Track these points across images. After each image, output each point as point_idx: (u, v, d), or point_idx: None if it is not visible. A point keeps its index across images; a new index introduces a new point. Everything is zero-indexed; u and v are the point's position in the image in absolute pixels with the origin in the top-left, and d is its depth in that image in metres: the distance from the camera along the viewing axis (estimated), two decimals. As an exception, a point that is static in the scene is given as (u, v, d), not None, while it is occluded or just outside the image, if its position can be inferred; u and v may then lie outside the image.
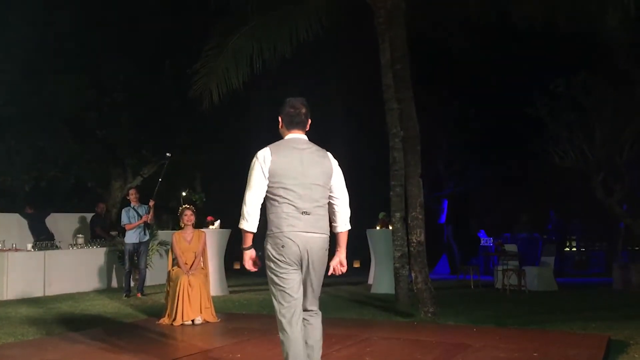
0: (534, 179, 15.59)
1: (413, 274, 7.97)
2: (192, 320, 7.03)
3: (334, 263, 3.81)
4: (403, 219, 8.39)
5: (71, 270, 11.01)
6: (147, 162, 15.54)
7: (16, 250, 10.53)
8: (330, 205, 3.77)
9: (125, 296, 10.05)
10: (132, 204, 10.33)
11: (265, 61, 9.57)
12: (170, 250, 7.65)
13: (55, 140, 14.37)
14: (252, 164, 3.67)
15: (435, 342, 5.91)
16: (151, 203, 10.34)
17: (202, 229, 8.56)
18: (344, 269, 3.84)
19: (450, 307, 8.40)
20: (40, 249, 10.73)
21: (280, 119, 3.84)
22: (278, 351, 5.16)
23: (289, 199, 3.59)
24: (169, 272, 7.43)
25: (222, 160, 16.80)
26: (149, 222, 10.40)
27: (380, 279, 10.81)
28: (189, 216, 7.56)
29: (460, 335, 6.29)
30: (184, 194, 13.36)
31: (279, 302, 3.65)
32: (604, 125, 11.46)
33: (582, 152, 11.68)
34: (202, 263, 7.50)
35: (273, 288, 3.68)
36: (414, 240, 7.93)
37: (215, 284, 9.66)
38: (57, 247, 11.17)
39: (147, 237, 10.49)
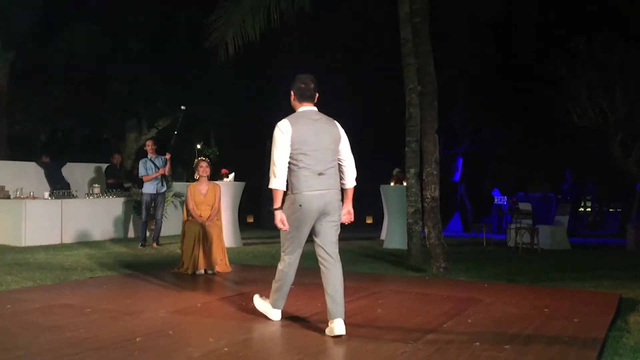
0: (550, 139, 15.43)
1: (426, 230, 7.99)
2: (206, 270, 7.14)
3: (343, 212, 4.47)
4: (417, 175, 8.37)
5: (87, 219, 11.17)
6: (162, 115, 15.55)
7: (34, 198, 10.68)
8: (339, 166, 4.42)
9: (141, 245, 10.21)
10: (149, 155, 10.37)
11: (283, 13, 9.41)
12: (185, 201, 7.71)
13: (70, 91, 14.40)
14: (275, 133, 4.25)
15: (447, 296, 5.96)
16: (167, 156, 10.39)
17: (216, 182, 8.60)
18: (352, 218, 4.54)
19: (461, 263, 8.45)
20: (57, 198, 10.87)
21: (292, 93, 4.42)
22: (291, 302, 5.27)
23: (307, 163, 4.22)
24: (184, 223, 7.51)
25: (236, 114, 16.78)
26: (166, 174, 10.47)
27: (393, 235, 10.87)
28: (204, 168, 7.58)
29: (472, 290, 6.33)
30: (198, 146, 13.39)
31: (286, 246, 4.42)
32: (625, 84, 11.25)
33: (602, 111, 11.52)
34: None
35: (285, 235, 4.38)
36: (428, 196, 7.93)
37: (229, 236, 9.77)
38: (73, 196, 11.30)
39: (164, 188, 10.59)
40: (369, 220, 17.01)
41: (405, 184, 9.27)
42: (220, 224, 7.52)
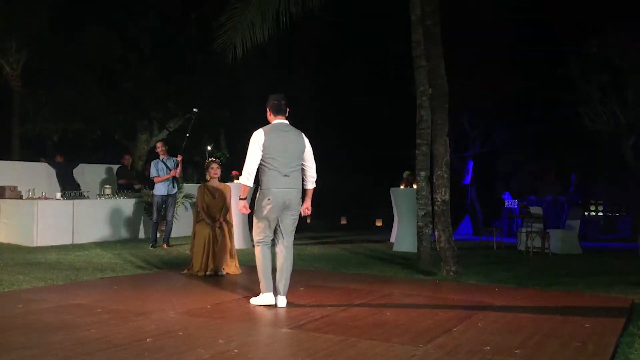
0: (561, 142, 15.33)
1: (436, 233, 7.97)
2: (216, 272, 7.15)
3: (303, 207, 5.43)
4: (428, 178, 8.35)
5: (99, 219, 11.22)
6: (173, 116, 15.60)
7: (46, 198, 10.74)
8: (303, 170, 5.37)
9: (152, 246, 10.25)
10: (161, 157, 10.41)
11: (293, 16, 9.39)
12: (195, 203, 7.73)
13: (82, 91, 14.48)
14: (251, 140, 5.20)
15: (457, 299, 5.94)
16: (179, 158, 10.42)
17: (227, 183, 8.62)
18: (309, 212, 5.48)
19: (472, 267, 8.40)
20: (68, 198, 10.93)
21: (268, 110, 5.41)
22: (300, 304, 5.27)
23: (275, 166, 5.18)
24: (194, 224, 7.53)
25: (247, 116, 16.80)
26: (177, 176, 10.49)
27: (403, 238, 10.84)
28: (215, 169, 7.61)
29: (482, 294, 6.31)
30: (209, 148, 13.41)
31: (258, 231, 5.31)
32: (638, 87, 11.18)
33: (614, 115, 11.44)
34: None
35: (257, 221, 5.32)
36: (439, 199, 7.91)
37: (239, 237, 9.78)
38: (85, 197, 11.36)
39: (175, 190, 10.62)
40: (379, 223, 16.97)
41: (415, 186, 9.24)
42: (230, 225, 7.54)
